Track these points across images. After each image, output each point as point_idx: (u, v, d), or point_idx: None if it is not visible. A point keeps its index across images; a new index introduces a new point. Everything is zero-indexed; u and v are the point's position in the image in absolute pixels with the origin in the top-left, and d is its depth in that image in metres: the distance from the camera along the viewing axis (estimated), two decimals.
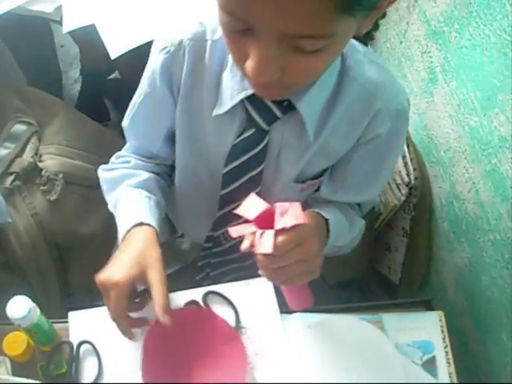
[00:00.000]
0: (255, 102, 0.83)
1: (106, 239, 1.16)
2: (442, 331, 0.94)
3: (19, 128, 1.12)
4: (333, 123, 0.85)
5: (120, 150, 1.01)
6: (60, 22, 1.17)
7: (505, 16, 0.85)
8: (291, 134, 0.86)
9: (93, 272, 1.17)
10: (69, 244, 1.12)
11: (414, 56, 1.13)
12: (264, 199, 0.85)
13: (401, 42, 1.17)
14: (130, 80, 0.97)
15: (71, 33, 1.20)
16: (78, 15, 1.10)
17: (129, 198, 0.93)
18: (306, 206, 0.96)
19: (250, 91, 0.80)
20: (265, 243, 0.69)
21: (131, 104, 0.93)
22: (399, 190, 1.12)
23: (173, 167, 1.01)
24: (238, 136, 0.87)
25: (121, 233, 0.88)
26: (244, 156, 0.88)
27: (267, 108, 0.83)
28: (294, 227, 0.69)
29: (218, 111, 0.85)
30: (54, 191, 1.07)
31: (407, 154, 1.10)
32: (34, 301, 0.85)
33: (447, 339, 0.93)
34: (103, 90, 1.68)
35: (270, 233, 0.69)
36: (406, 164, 1.10)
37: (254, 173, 0.89)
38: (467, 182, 0.99)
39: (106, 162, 1.17)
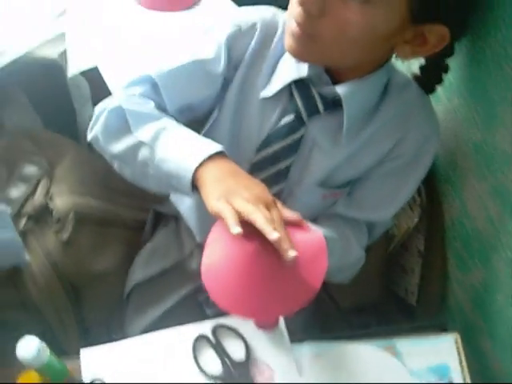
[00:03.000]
0: (302, 90, 0.88)
1: (119, 274, 1.16)
2: (459, 354, 0.91)
3: (30, 169, 1.14)
4: (367, 135, 0.90)
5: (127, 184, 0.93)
6: None
7: (497, 29, 0.83)
8: (327, 133, 0.90)
9: (108, 307, 1.20)
10: (83, 281, 1.13)
11: None
12: (285, 200, 0.92)
13: (402, 62, 1.16)
14: None
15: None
16: (81, 58, 1.13)
17: (184, 128, 0.85)
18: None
19: (302, 74, 0.85)
20: None
21: (168, 62, 0.90)
22: (412, 210, 1.10)
23: None
24: (277, 123, 0.90)
25: (194, 159, 0.76)
26: (278, 144, 0.90)
27: (312, 98, 0.88)
28: None
29: (265, 94, 0.90)
30: (65, 231, 1.08)
31: None
32: (51, 338, 0.86)
33: (464, 362, 0.90)
34: None
35: None
36: None
37: (283, 165, 0.92)
38: (476, 200, 0.96)
39: (117, 200, 1.17)
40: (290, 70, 0.87)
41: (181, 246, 1.13)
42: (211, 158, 0.77)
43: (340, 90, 0.84)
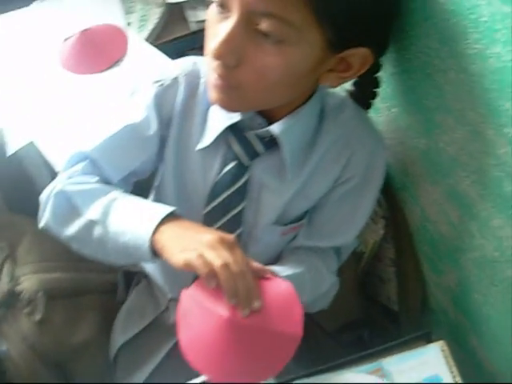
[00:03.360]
0: (238, 135, 0.86)
1: (100, 341, 1.14)
2: (448, 361, 0.90)
3: None
4: (312, 165, 0.88)
5: None
6: None
7: (418, 38, 0.83)
8: (271, 172, 0.88)
9: (96, 375, 1.18)
10: (65, 357, 1.11)
11: None
12: (246, 243, 0.92)
13: None
14: None
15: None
16: (17, 136, 1.12)
17: (132, 198, 0.85)
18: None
19: (235, 119, 0.84)
20: None
21: (100, 133, 0.89)
22: (375, 224, 1.09)
23: None
24: (220, 172, 0.88)
25: (148, 226, 0.75)
26: (225, 193, 0.89)
27: (249, 142, 0.86)
28: None
29: (201, 145, 0.88)
30: (37, 311, 1.06)
31: None
32: None
33: (454, 368, 0.89)
34: None
35: None
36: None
37: (235, 212, 0.90)
38: (433, 205, 0.96)
39: (83, 268, 1.16)
40: (222, 116, 0.86)
41: (156, 302, 1.11)
42: (164, 221, 0.76)
43: (275, 129, 0.83)
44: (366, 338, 1.25)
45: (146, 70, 1.19)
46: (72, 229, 0.85)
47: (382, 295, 1.22)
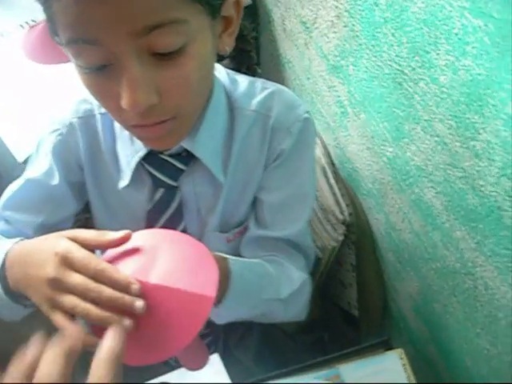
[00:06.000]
0: (154, 162, 0.81)
1: None
2: (405, 369, 0.90)
3: None
4: (236, 157, 0.84)
5: None
6: None
7: (390, 46, 0.82)
8: (201, 182, 0.84)
9: None
10: None
11: (322, 91, 1.10)
12: None
13: (308, 78, 1.14)
14: None
15: None
16: None
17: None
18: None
19: (142, 152, 0.79)
20: None
21: (6, 190, 0.86)
22: (335, 229, 1.07)
23: None
24: (151, 200, 0.85)
25: None
26: (162, 218, 0.85)
27: (168, 164, 0.81)
28: None
29: (122, 183, 0.83)
30: None
31: (337, 191, 1.06)
32: None
33: (412, 377, 0.89)
34: None
35: None
36: (337, 202, 1.06)
37: (179, 230, 0.86)
38: (398, 213, 0.96)
39: None
40: (129, 150, 0.82)
41: None
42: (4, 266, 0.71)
43: (188, 145, 0.78)
44: (327, 340, 1.24)
45: None
46: None
47: (343, 300, 1.21)
